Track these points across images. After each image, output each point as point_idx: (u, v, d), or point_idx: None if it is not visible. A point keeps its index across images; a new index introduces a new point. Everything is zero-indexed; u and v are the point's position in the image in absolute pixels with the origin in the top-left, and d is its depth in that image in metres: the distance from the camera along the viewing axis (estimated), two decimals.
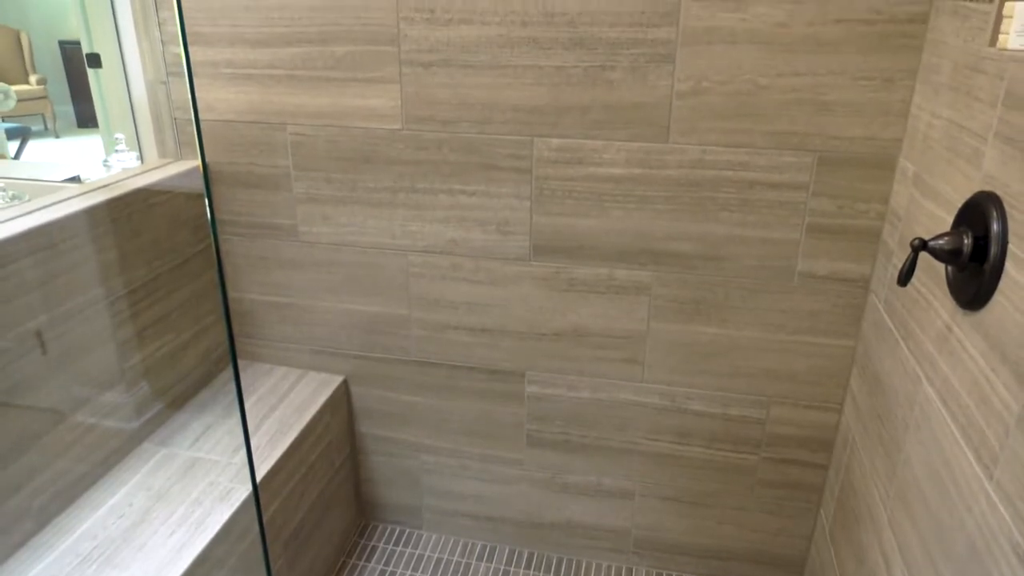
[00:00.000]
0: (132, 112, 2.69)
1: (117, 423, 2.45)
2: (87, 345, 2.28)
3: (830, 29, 2.06)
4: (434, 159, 2.50)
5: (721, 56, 2.15)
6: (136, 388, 2.52)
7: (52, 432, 2.17)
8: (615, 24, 2.20)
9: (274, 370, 2.97)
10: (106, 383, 2.43)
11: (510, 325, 2.68)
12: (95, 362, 2.43)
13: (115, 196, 2.35)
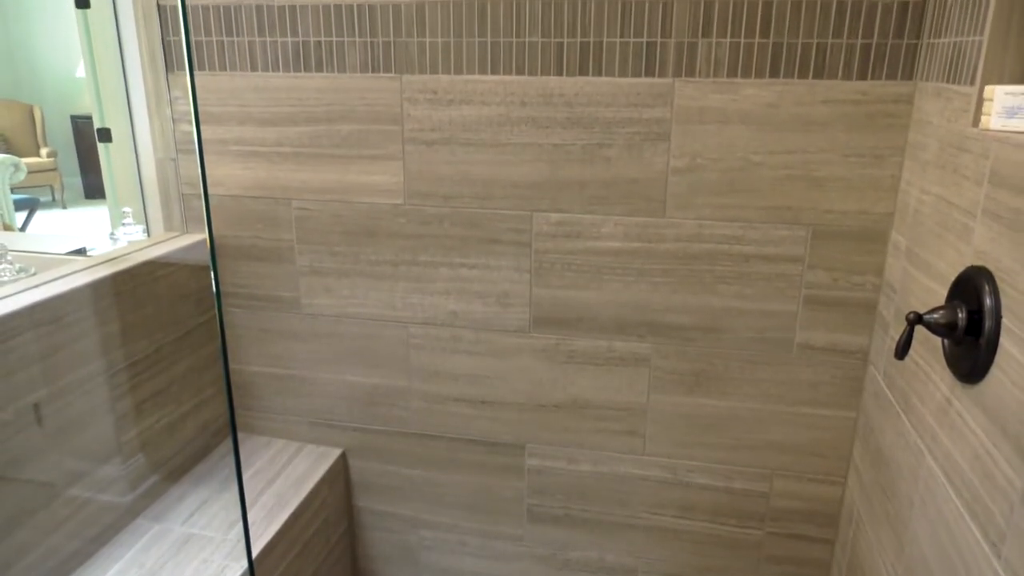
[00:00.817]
0: (140, 186, 2.75)
1: (112, 497, 2.42)
2: (85, 419, 2.27)
3: (818, 109, 2.13)
4: (436, 233, 2.55)
5: (714, 134, 2.22)
6: (132, 461, 2.49)
7: (46, 508, 2.14)
8: (611, 104, 2.28)
9: (272, 442, 2.95)
10: (102, 456, 2.41)
11: (510, 397, 2.67)
12: (92, 435, 2.42)
13: (120, 270, 2.38)
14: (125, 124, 2.71)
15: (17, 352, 1.99)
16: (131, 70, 2.63)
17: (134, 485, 2.51)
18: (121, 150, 2.74)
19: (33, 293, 2.10)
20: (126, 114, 2.70)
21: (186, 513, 2.54)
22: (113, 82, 2.66)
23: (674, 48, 2.19)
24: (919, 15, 2.01)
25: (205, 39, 2.52)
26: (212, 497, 2.62)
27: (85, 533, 2.31)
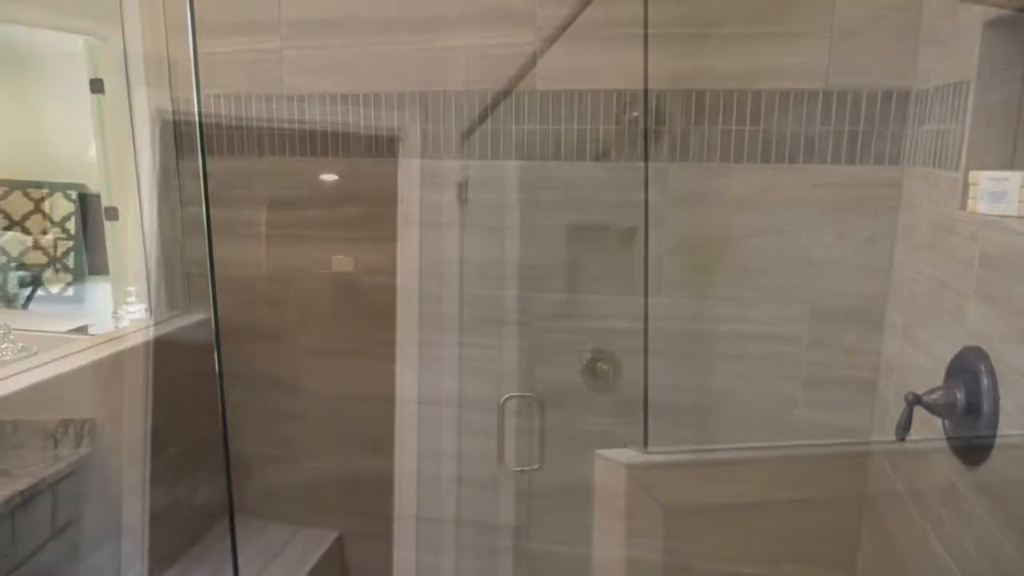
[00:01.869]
0: (146, 265, 2.79)
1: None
2: (80, 503, 2.24)
3: (810, 192, 2.19)
4: (439, 312, 2.57)
5: (709, 216, 2.27)
6: (124, 545, 2.44)
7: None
8: (608, 187, 2.34)
9: (268, 526, 2.89)
10: (94, 543, 2.36)
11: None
12: (85, 520, 2.37)
13: (120, 350, 2.39)
14: (133, 204, 2.77)
15: (13, 435, 1.98)
16: (142, 152, 2.71)
17: (124, 570, 2.45)
18: (127, 229, 2.79)
19: (32, 374, 2.11)
20: (135, 194, 2.76)
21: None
22: (123, 163, 2.73)
23: (668, 135, 2.26)
24: (903, 104, 2.09)
25: (215, 124, 2.61)
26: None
27: None
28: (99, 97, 2.67)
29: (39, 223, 2.39)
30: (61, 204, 2.39)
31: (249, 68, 2.58)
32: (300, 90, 2.53)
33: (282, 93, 2.53)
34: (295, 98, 2.53)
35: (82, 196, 2.40)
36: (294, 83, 2.56)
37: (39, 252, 2.38)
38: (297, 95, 2.52)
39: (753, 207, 2.24)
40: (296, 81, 2.56)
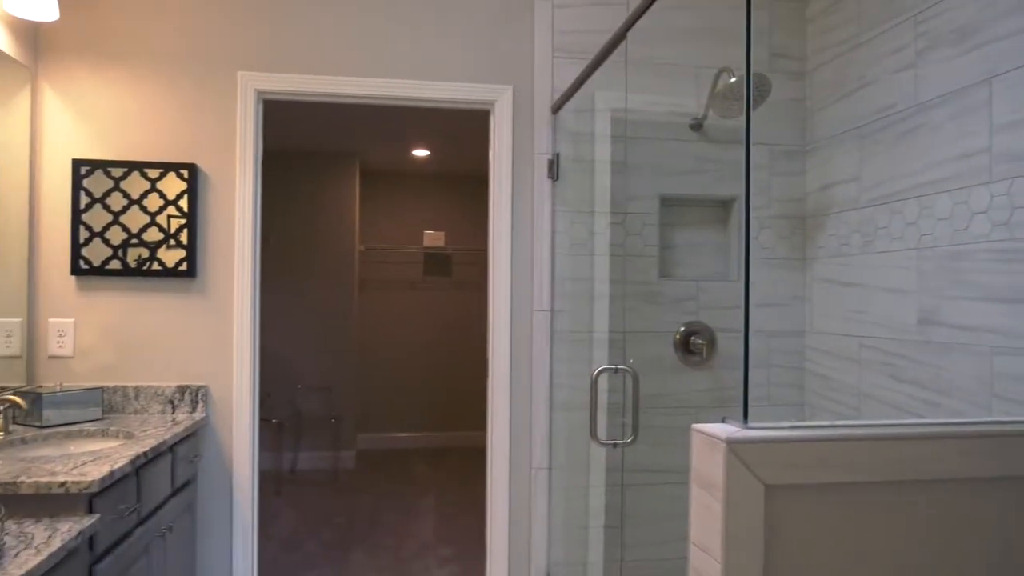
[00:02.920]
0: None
1: None
2: None
3: None
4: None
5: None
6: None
7: None
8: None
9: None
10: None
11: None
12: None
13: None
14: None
15: None
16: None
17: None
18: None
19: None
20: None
21: None
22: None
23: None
24: None
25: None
26: None
27: None
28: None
29: (155, 201, 2.53)
30: (174, 183, 2.52)
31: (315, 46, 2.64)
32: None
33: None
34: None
35: (193, 174, 2.52)
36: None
37: (155, 228, 2.53)
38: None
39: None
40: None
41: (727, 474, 1.26)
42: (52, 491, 1.64)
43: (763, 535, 1.28)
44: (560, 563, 2.72)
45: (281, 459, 5.53)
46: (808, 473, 1.30)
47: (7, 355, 2.35)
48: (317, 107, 4.16)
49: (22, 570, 1.30)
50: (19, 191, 2.40)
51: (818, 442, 1.31)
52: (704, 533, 1.32)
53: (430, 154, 5.54)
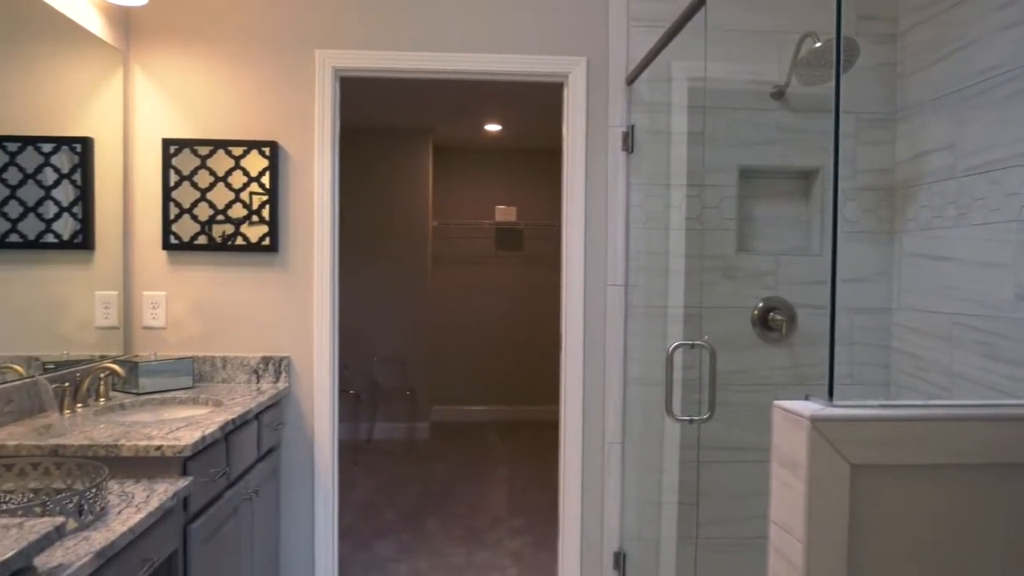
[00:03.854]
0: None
1: None
2: None
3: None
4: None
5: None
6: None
7: None
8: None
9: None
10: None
11: None
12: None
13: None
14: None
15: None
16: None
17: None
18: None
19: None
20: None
21: None
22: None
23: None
24: None
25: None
26: None
27: None
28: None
29: (239, 178, 2.62)
30: (257, 160, 2.60)
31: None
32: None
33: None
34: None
35: (274, 151, 2.59)
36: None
37: (239, 205, 2.62)
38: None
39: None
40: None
41: (810, 452, 1.23)
42: (149, 454, 1.73)
43: (848, 516, 1.24)
44: (633, 538, 2.72)
45: (358, 429, 5.70)
46: (897, 453, 1.26)
47: (106, 326, 2.48)
48: (391, 83, 4.21)
49: (125, 526, 1.38)
50: (114, 170, 2.52)
51: (909, 422, 1.26)
52: (785, 512, 1.29)
53: (502, 128, 5.53)
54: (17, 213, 2.07)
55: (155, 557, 1.54)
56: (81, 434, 1.82)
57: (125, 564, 1.41)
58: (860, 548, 1.26)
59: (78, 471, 1.55)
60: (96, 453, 1.73)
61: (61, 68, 2.23)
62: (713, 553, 2.68)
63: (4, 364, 1.97)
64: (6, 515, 1.25)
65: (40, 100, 2.15)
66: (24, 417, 2.00)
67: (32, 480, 1.56)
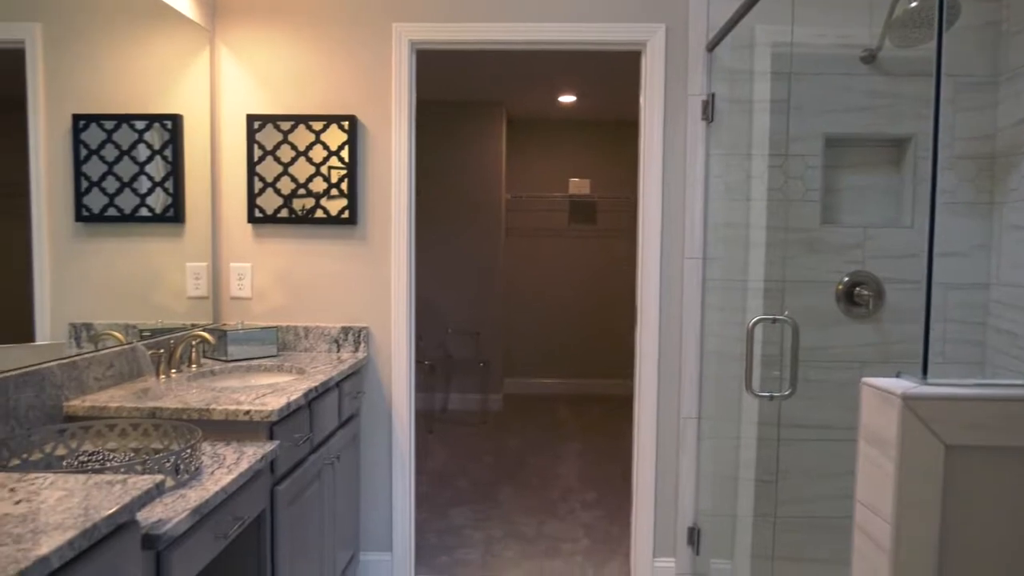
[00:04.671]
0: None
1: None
2: None
3: None
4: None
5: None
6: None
7: None
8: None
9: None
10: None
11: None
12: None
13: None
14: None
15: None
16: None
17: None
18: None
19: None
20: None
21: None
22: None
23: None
24: None
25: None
26: None
27: None
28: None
29: (320, 153, 2.68)
30: (336, 134, 2.65)
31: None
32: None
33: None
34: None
35: (353, 125, 2.64)
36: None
37: (320, 178, 2.68)
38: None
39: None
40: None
41: (901, 432, 1.18)
42: (239, 418, 1.81)
43: (940, 498, 1.19)
44: (708, 514, 2.69)
45: (432, 399, 5.81)
46: (997, 435, 1.20)
47: (196, 296, 2.60)
48: (465, 55, 4.20)
49: (218, 485, 1.45)
50: (202, 146, 2.61)
51: (1009, 402, 1.19)
52: (873, 492, 1.25)
53: (577, 100, 5.47)
54: (114, 188, 2.17)
55: (245, 516, 1.62)
56: (175, 398, 1.91)
57: (218, 521, 1.48)
58: (952, 531, 1.21)
59: (174, 432, 1.63)
60: (190, 416, 1.81)
61: (153, 48, 2.32)
62: (790, 532, 2.63)
63: (105, 331, 2.09)
64: (110, 472, 1.33)
65: (134, 79, 2.24)
66: (124, 381, 2.11)
67: (132, 440, 1.66)
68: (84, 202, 2.07)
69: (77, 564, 1.01)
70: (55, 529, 0.99)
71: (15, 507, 1.08)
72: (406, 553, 2.77)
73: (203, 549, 1.43)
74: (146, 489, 1.16)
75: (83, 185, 2.06)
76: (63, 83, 1.93)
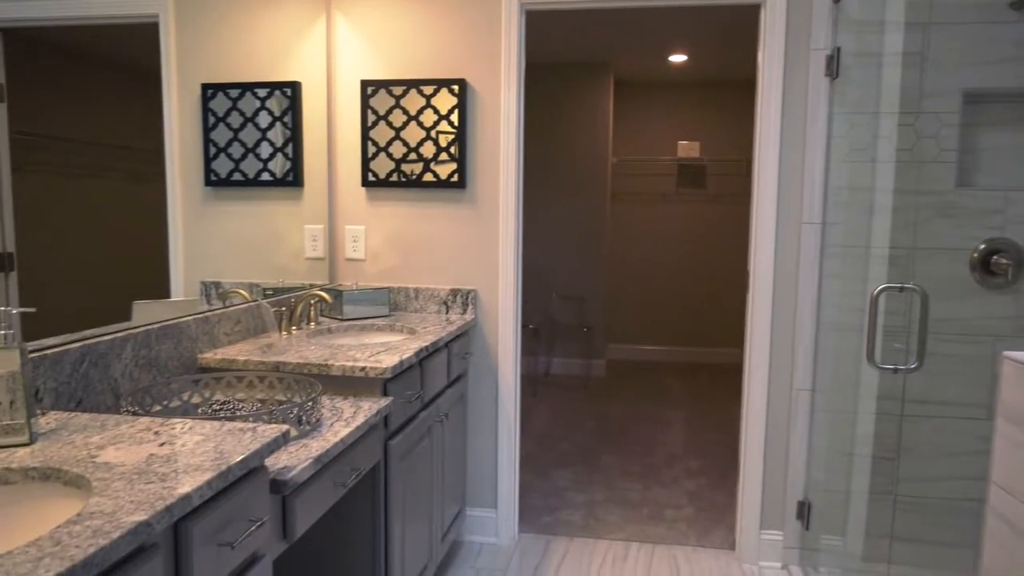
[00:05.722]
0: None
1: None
2: None
3: None
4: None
5: None
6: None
7: None
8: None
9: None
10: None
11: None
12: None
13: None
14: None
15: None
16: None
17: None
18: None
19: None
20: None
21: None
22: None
23: None
24: None
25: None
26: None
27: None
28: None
29: (430, 117, 2.71)
30: (446, 98, 2.68)
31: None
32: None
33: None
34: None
35: (462, 89, 2.65)
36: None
37: (430, 143, 2.72)
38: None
39: None
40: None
41: None
42: (355, 374, 1.89)
43: None
44: (819, 489, 2.61)
45: (536, 363, 5.87)
46: None
47: (313, 257, 2.71)
48: (573, 16, 4.13)
49: (337, 437, 1.53)
50: (318, 112, 2.70)
51: None
52: (1012, 474, 1.17)
53: (688, 59, 5.28)
54: (239, 154, 2.29)
55: (361, 467, 1.69)
56: (296, 353, 2.02)
57: (337, 471, 1.56)
58: None
59: (296, 385, 1.72)
60: (309, 371, 1.91)
61: (274, 17, 2.40)
62: (910, 512, 2.51)
63: (232, 289, 2.22)
64: (240, 420, 1.42)
65: (256, 48, 2.33)
66: (250, 336, 2.24)
67: (259, 391, 1.76)
68: (212, 167, 2.19)
69: (213, 503, 1.09)
70: (195, 470, 1.07)
71: (159, 448, 1.17)
72: (510, 511, 2.83)
73: (323, 496, 1.51)
74: (273, 437, 1.23)
75: (211, 151, 2.18)
76: (192, 54, 2.03)
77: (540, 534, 2.93)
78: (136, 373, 1.70)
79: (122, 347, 1.65)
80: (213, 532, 1.08)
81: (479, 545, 2.83)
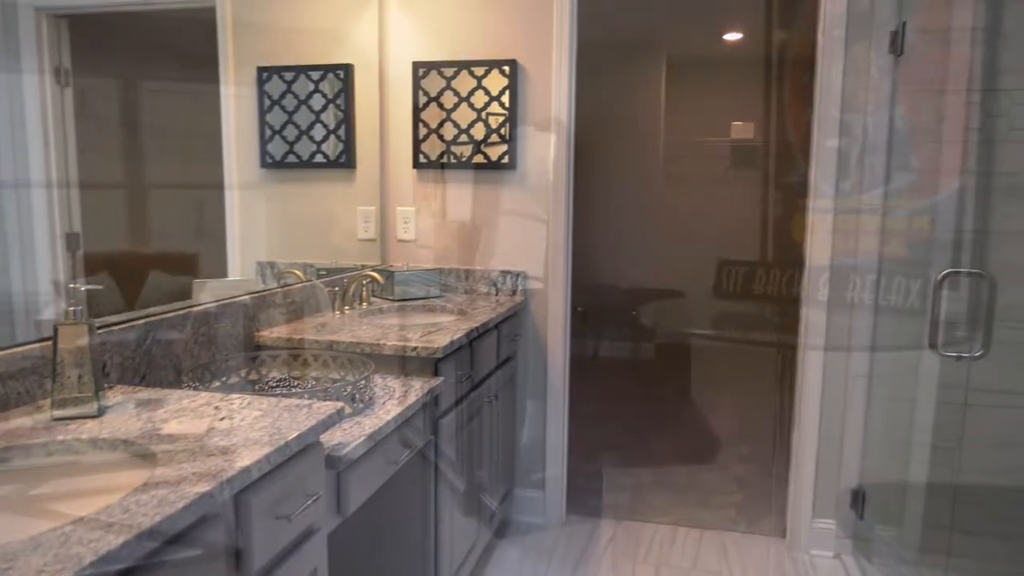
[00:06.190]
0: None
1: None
2: None
3: None
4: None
5: None
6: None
7: None
8: None
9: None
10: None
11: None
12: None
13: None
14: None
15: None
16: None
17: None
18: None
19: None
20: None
21: None
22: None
23: None
24: None
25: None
26: None
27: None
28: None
29: (481, 98, 2.71)
30: (497, 79, 2.67)
31: None
32: None
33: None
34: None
35: (513, 70, 2.64)
36: None
37: (481, 124, 2.72)
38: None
39: None
40: None
41: None
42: (406, 354, 1.91)
43: None
44: (874, 478, 2.55)
45: (584, 346, 5.85)
46: None
47: (365, 238, 2.74)
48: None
49: (390, 415, 1.55)
50: (370, 94, 2.72)
51: None
52: None
53: (743, 37, 5.16)
54: (293, 136, 2.32)
55: (412, 445, 1.72)
56: (349, 332, 2.05)
57: (390, 448, 1.59)
58: None
59: (349, 364, 1.75)
60: (362, 350, 1.94)
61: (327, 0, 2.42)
62: (971, 505, 2.43)
63: (287, 270, 2.26)
64: (296, 397, 1.45)
65: (310, 32, 2.36)
66: (304, 315, 2.29)
67: (313, 369, 1.80)
68: (267, 149, 2.23)
69: (271, 477, 1.12)
70: (254, 444, 1.10)
71: (220, 423, 1.20)
72: (558, 492, 2.84)
73: (376, 473, 1.53)
74: (329, 414, 1.26)
75: (266, 133, 2.22)
76: (248, 38, 2.07)
77: (587, 516, 2.94)
78: (196, 350, 1.75)
79: (183, 325, 1.70)
80: (271, 505, 1.11)
81: (526, 525, 2.85)
